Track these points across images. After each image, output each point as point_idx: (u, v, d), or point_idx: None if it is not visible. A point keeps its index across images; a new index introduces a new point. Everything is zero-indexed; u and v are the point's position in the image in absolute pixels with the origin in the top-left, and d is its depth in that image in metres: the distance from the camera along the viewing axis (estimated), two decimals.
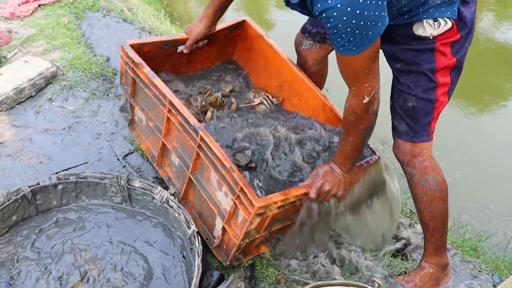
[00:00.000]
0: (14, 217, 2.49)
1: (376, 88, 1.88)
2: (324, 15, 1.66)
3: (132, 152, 3.06)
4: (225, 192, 2.18)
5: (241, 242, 2.18)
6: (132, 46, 2.51)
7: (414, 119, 2.18)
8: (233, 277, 2.22)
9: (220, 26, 2.79)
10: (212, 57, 2.96)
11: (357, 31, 1.65)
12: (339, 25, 1.64)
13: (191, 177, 2.38)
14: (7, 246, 2.42)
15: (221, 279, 2.29)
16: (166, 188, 2.56)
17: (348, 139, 2.05)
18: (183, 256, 2.43)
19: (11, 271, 2.31)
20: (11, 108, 3.36)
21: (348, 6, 1.59)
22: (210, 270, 2.33)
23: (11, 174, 2.85)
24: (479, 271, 2.67)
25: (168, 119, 2.39)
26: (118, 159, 3.00)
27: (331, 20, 1.65)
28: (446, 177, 2.28)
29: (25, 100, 3.44)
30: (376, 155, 2.40)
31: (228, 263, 2.33)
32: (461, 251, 2.82)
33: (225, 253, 2.34)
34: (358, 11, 1.60)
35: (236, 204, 2.10)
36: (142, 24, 4.52)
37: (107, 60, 3.91)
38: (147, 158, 3.03)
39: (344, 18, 1.62)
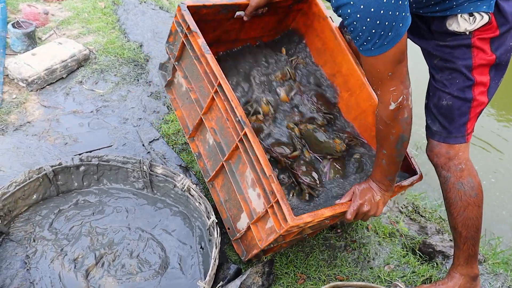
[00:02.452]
0: (35, 196, 2.47)
1: (405, 94, 1.74)
2: (340, 11, 1.58)
3: (157, 139, 3.01)
4: (258, 194, 2.06)
5: (265, 247, 2.09)
6: (190, 8, 2.27)
7: (448, 119, 2.05)
8: (250, 272, 2.14)
9: None
10: (268, 27, 2.77)
11: (373, 31, 1.56)
12: (355, 23, 1.56)
13: (224, 164, 2.26)
14: (25, 224, 2.40)
15: (238, 273, 2.20)
16: (188, 173, 2.50)
17: (382, 152, 1.93)
18: (201, 247, 2.36)
19: (27, 249, 2.28)
20: (41, 88, 3.35)
21: (362, 3, 1.51)
22: (227, 263, 2.25)
23: (36, 153, 2.83)
24: (509, 286, 2.51)
25: (213, 98, 2.22)
26: (143, 145, 2.95)
27: (347, 17, 1.57)
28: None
29: (55, 82, 3.42)
30: (417, 174, 2.27)
31: (246, 259, 2.25)
32: (492, 263, 2.66)
33: (245, 249, 2.26)
34: (372, 9, 1.51)
35: (267, 212, 1.99)
36: None
37: (140, 46, 3.87)
38: (172, 145, 2.97)
39: (358, 15, 1.53)
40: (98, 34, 3.97)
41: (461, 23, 1.87)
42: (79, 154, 2.57)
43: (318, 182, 2.27)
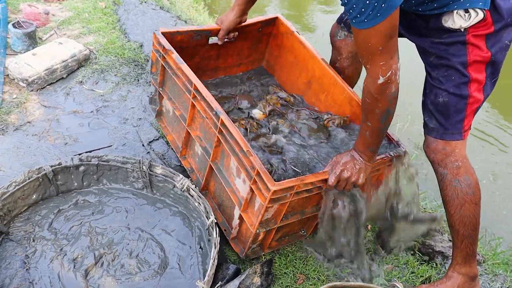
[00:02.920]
0: (34, 196, 2.47)
1: (393, 69, 1.76)
2: None
3: (157, 139, 3.01)
4: (243, 179, 2.12)
5: (258, 231, 2.11)
6: (164, 34, 2.50)
7: (445, 116, 2.06)
8: (249, 272, 2.14)
9: (252, 20, 2.78)
10: (244, 53, 2.95)
11: (367, 1, 1.57)
12: None
13: (212, 165, 2.33)
14: (25, 224, 2.40)
15: (237, 273, 2.20)
16: (189, 177, 2.50)
17: (366, 124, 1.95)
18: (200, 247, 2.36)
19: (27, 249, 2.28)
20: (42, 88, 3.36)
21: None
22: (226, 263, 2.25)
23: (36, 153, 2.83)
24: (509, 287, 2.50)
25: (193, 106, 2.36)
26: (143, 145, 2.96)
27: None
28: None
29: (56, 81, 3.43)
30: (401, 148, 2.30)
31: (244, 255, 2.26)
32: (492, 263, 2.66)
33: (242, 245, 2.27)
34: None
35: (252, 190, 2.04)
36: (178, 13, 4.48)
37: (141, 46, 3.88)
38: None
39: None
40: (99, 34, 3.98)
41: (456, 20, 1.88)
42: (79, 154, 2.57)
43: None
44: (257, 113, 2.68)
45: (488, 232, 3.12)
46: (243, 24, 2.69)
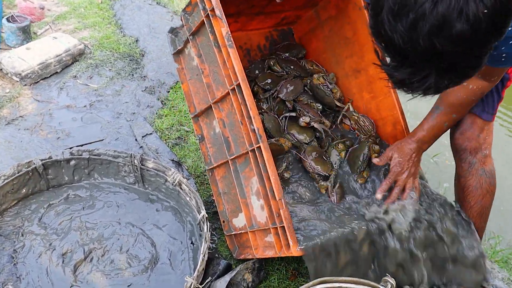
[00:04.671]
0: (24, 190, 2.43)
1: None
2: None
3: (151, 133, 2.97)
4: (261, 205, 1.96)
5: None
6: None
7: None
8: (240, 268, 2.10)
9: None
10: (296, 3, 2.62)
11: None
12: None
13: (229, 162, 2.13)
14: (14, 219, 2.36)
15: (228, 269, 2.16)
16: (180, 169, 2.46)
17: (451, 115, 1.95)
18: (192, 242, 2.32)
19: (15, 244, 2.25)
20: (35, 82, 3.32)
21: None
22: (217, 258, 2.21)
23: (27, 148, 2.80)
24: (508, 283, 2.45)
25: (228, 93, 2.03)
26: (136, 139, 2.91)
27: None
28: None
29: (50, 76, 3.39)
30: None
31: (237, 257, 2.20)
32: (491, 261, 2.61)
33: (238, 245, 2.21)
34: None
35: (270, 229, 1.91)
36: (175, 8, 4.43)
37: (136, 41, 3.83)
38: (165, 140, 2.93)
39: None
40: (94, 29, 3.94)
41: None
42: (70, 148, 2.53)
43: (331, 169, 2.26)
44: (303, 138, 2.41)
45: (487, 230, 3.07)
46: None
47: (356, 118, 2.45)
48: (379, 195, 2.02)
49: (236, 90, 1.96)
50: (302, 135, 2.39)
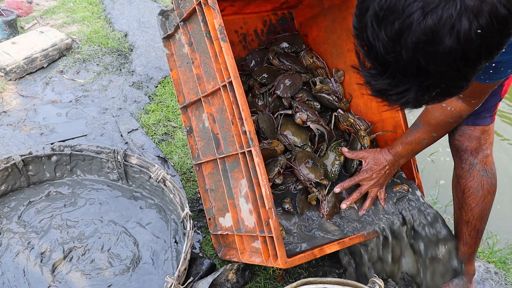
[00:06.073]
0: (3, 187, 2.35)
1: None
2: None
3: (137, 129, 2.88)
4: (250, 210, 1.85)
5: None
6: None
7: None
8: (224, 269, 2.01)
9: None
10: None
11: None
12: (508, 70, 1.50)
13: (218, 160, 2.01)
14: None
15: (212, 269, 2.08)
16: (168, 167, 2.38)
17: (431, 134, 1.88)
18: (175, 241, 2.24)
19: None
20: (21, 77, 3.25)
21: None
22: (201, 258, 2.13)
23: (9, 144, 2.72)
24: (506, 283, 2.38)
25: (219, 89, 1.90)
26: (121, 135, 2.83)
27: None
28: None
29: (36, 71, 3.32)
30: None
31: (221, 258, 2.12)
32: (487, 261, 2.53)
33: (223, 245, 2.12)
34: None
35: (258, 237, 1.82)
36: (166, 3, 4.35)
37: (125, 35, 3.76)
38: (152, 135, 2.85)
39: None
40: (83, 24, 3.86)
41: None
42: (51, 144, 2.45)
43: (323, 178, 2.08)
44: (297, 141, 2.23)
45: (486, 230, 2.98)
46: None
47: (352, 121, 2.31)
48: (337, 189, 2.00)
49: (228, 88, 1.82)
50: (295, 137, 2.23)
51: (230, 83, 1.79)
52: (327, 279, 1.53)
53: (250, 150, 1.76)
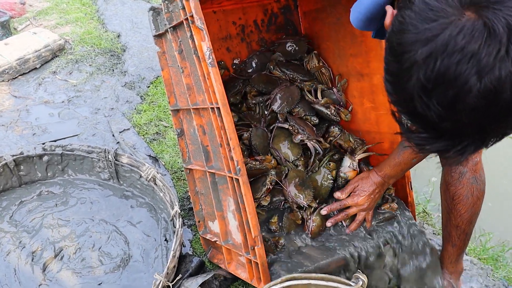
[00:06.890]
0: None
1: None
2: None
3: (128, 129, 2.90)
4: (237, 226, 1.82)
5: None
6: None
7: None
8: (213, 266, 2.03)
9: None
10: None
11: None
12: None
13: (207, 173, 1.94)
14: None
15: (201, 266, 2.10)
16: (159, 167, 2.40)
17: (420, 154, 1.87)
18: (166, 239, 2.26)
19: None
20: (13, 78, 3.26)
21: None
22: (190, 256, 2.15)
23: (1, 144, 2.74)
24: (493, 279, 2.40)
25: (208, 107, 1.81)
26: (113, 135, 2.85)
27: None
28: None
29: (28, 72, 3.33)
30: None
31: (209, 259, 2.13)
32: (478, 258, 2.55)
33: (212, 247, 2.13)
34: None
35: (244, 255, 1.81)
36: (159, 3, 4.37)
37: (118, 36, 3.78)
38: (143, 135, 2.87)
39: None
40: (76, 25, 3.88)
41: None
42: (43, 144, 2.47)
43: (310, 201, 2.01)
44: (289, 156, 2.16)
45: (478, 227, 3.00)
46: None
47: (347, 139, 2.24)
48: (324, 212, 1.99)
49: (216, 113, 1.73)
50: (288, 151, 2.15)
51: (219, 108, 1.71)
52: (312, 275, 1.55)
53: (238, 181, 1.71)
